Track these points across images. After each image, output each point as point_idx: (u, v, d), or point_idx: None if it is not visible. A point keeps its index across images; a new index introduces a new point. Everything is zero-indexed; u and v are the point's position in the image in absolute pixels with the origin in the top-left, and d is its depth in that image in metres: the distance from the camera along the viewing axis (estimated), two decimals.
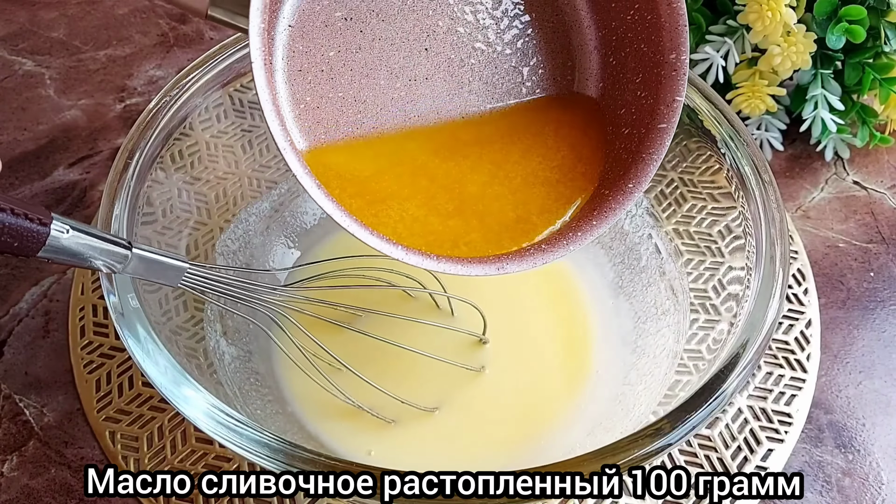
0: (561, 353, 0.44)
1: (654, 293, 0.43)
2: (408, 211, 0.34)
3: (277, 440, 0.29)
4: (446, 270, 0.33)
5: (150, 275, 0.32)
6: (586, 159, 0.37)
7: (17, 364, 0.44)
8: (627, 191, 0.35)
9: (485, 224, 0.35)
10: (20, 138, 0.56)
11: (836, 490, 0.41)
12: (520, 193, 0.36)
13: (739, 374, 0.32)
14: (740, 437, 0.41)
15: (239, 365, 0.40)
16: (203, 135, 0.42)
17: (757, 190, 0.37)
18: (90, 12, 0.65)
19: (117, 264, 0.30)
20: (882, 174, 0.55)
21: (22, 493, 0.40)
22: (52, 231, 0.27)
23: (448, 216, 0.35)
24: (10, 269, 0.48)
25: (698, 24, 0.52)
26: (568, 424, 0.41)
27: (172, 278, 0.33)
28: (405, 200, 0.34)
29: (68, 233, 0.28)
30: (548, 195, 0.36)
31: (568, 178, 0.36)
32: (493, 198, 0.36)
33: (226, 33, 0.63)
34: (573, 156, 0.37)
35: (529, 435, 0.41)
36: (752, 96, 0.51)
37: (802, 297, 0.47)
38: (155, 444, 0.41)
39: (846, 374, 0.45)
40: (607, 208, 0.35)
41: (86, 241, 0.29)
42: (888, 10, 0.49)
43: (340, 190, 0.33)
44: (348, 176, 0.34)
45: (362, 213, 0.33)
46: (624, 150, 0.36)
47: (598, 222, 0.35)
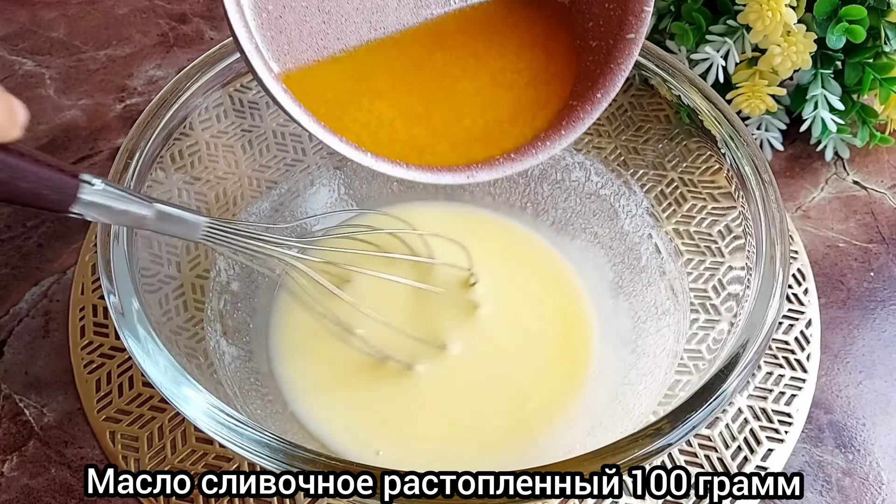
0: (561, 353, 0.44)
1: (654, 293, 0.43)
2: (375, 115, 0.34)
3: (277, 440, 0.29)
4: (416, 178, 0.33)
5: (171, 229, 0.33)
6: (557, 60, 0.37)
7: (17, 364, 0.44)
8: (596, 101, 0.35)
9: (452, 133, 0.35)
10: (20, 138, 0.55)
11: (836, 490, 0.41)
12: (489, 95, 0.36)
13: (739, 373, 0.32)
14: (740, 437, 0.41)
15: (239, 365, 0.40)
16: (203, 135, 0.42)
17: (757, 190, 0.37)
18: (90, 12, 0.65)
19: (141, 219, 0.32)
20: (882, 174, 0.55)
21: (22, 493, 0.40)
22: (82, 184, 0.28)
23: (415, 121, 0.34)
24: (10, 269, 0.48)
25: (698, 24, 0.52)
26: (567, 424, 0.41)
27: (192, 232, 0.34)
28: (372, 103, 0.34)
29: (97, 186, 0.29)
30: (518, 100, 0.36)
31: (539, 80, 0.36)
32: (463, 98, 0.35)
33: (226, 33, 0.63)
34: (545, 55, 0.36)
35: (529, 435, 0.41)
36: (752, 96, 0.51)
37: (802, 297, 0.47)
38: (155, 444, 0.41)
39: (846, 374, 0.45)
40: (576, 118, 0.35)
41: (112, 192, 0.30)
42: (888, 10, 0.49)
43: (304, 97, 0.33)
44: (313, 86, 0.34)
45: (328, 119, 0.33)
46: (592, 62, 0.36)
47: (567, 132, 0.35)
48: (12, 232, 0.50)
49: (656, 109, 0.43)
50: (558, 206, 0.49)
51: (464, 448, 0.41)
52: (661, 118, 0.43)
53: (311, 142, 0.48)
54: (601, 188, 0.47)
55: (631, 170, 0.45)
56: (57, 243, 0.50)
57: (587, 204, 0.48)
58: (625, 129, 0.45)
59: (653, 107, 0.43)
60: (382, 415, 0.41)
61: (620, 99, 0.45)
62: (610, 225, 0.47)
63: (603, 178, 0.47)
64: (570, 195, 0.48)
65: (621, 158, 0.46)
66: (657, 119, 0.44)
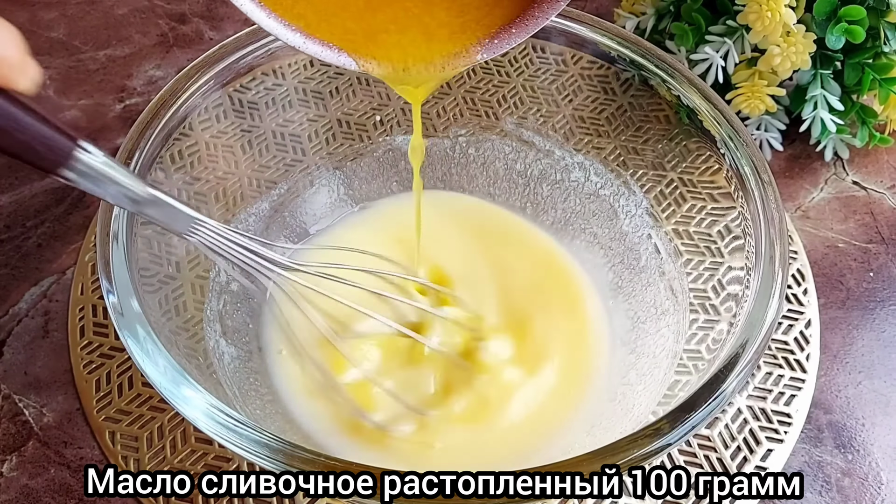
0: (560, 354, 0.44)
1: (653, 293, 0.43)
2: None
3: (277, 440, 0.29)
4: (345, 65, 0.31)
5: (160, 217, 0.33)
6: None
7: (17, 364, 0.44)
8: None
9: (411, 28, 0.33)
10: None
11: (836, 490, 0.41)
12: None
13: (739, 374, 0.32)
14: (740, 438, 0.41)
15: (239, 365, 0.40)
16: (203, 135, 0.42)
17: (756, 190, 0.37)
18: (90, 12, 0.65)
19: (131, 200, 0.31)
20: (882, 174, 0.55)
21: (21, 494, 0.40)
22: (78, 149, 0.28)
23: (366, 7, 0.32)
24: (10, 269, 0.48)
25: (698, 25, 0.52)
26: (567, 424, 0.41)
27: (181, 226, 0.33)
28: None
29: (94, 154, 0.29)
30: None
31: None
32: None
33: (226, 33, 0.63)
34: None
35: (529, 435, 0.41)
36: (752, 96, 0.51)
37: (802, 297, 0.47)
38: (155, 444, 0.41)
39: (846, 374, 0.45)
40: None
41: (106, 162, 0.29)
42: (888, 10, 0.49)
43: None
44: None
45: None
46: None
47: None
48: (12, 232, 0.50)
49: (656, 110, 0.43)
50: (557, 207, 0.49)
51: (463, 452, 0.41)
52: (660, 118, 0.43)
53: (310, 142, 0.48)
54: (601, 188, 0.47)
55: (630, 170, 0.46)
56: (56, 243, 0.50)
57: (586, 204, 0.48)
58: (624, 130, 0.46)
59: (652, 107, 0.43)
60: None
61: (620, 99, 0.45)
62: (609, 225, 0.47)
63: (602, 178, 0.47)
64: (569, 195, 0.48)
65: (621, 159, 0.46)
66: (657, 119, 0.44)
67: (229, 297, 0.43)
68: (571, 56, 0.45)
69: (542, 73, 0.48)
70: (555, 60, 0.47)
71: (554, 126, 0.48)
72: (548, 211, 0.49)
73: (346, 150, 0.49)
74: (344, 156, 0.49)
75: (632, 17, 0.57)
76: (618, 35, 0.42)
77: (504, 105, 0.49)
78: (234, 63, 0.41)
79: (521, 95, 0.49)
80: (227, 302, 0.43)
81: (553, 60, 0.47)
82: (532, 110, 0.49)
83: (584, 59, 0.44)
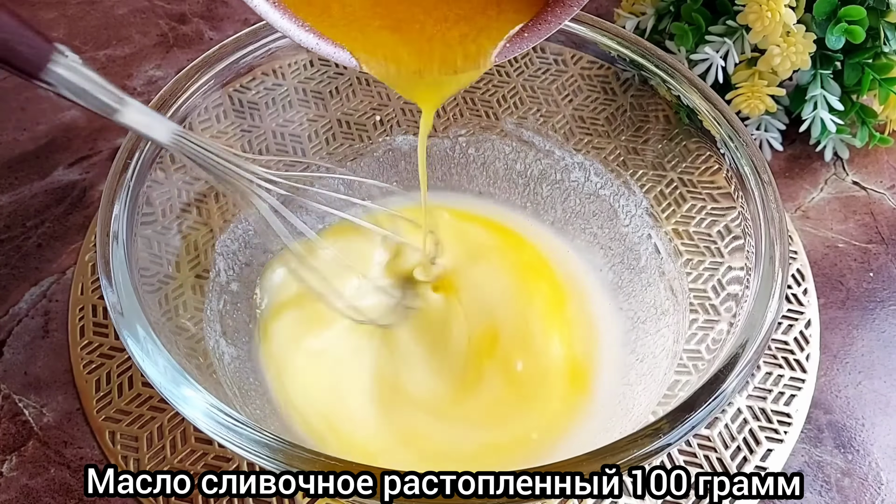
0: (560, 354, 0.44)
1: (653, 293, 0.43)
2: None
3: (277, 440, 0.29)
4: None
5: (141, 123, 0.33)
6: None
7: (17, 364, 0.44)
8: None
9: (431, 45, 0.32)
10: (20, 138, 0.55)
11: (836, 490, 0.41)
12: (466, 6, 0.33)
13: (739, 374, 0.32)
14: (740, 438, 0.41)
15: (238, 365, 0.40)
16: (203, 135, 0.42)
17: (756, 190, 0.37)
18: (90, 12, 0.65)
19: (111, 109, 0.31)
20: (881, 174, 0.55)
21: (21, 493, 0.40)
22: (56, 53, 0.29)
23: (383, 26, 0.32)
24: (10, 269, 0.48)
25: (698, 25, 0.52)
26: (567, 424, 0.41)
27: (163, 135, 0.34)
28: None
29: (71, 58, 0.29)
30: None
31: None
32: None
33: (225, 33, 0.63)
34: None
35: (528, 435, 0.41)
36: (752, 96, 0.51)
37: (802, 297, 0.47)
38: (155, 444, 0.41)
39: (846, 375, 0.45)
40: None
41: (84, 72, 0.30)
42: (888, 10, 0.49)
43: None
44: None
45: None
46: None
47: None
48: (12, 232, 0.50)
49: (656, 110, 0.43)
50: (557, 207, 0.49)
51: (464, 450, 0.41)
52: (660, 118, 0.43)
53: (310, 142, 0.48)
54: (601, 188, 0.47)
55: (630, 170, 0.46)
56: (56, 243, 0.50)
57: (586, 204, 0.48)
58: (624, 130, 0.46)
59: (652, 107, 0.43)
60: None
61: (620, 99, 0.45)
62: (609, 225, 0.47)
63: (602, 178, 0.47)
64: (569, 195, 0.48)
65: (621, 159, 0.46)
66: (657, 119, 0.44)
67: (229, 297, 0.43)
68: (571, 56, 0.45)
69: (542, 73, 0.48)
70: (555, 60, 0.47)
71: (554, 126, 0.48)
72: (548, 211, 0.49)
73: (346, 150, 0.49)
74: (344, 156, 0.49)
75: (632, 17, 0.57)
76: (618, 35, 0.42)
77: (504, 105, 0.49)
78: (234, 63, 0.41)
79: (521, 95, 0.49)
80: (227, 302, 0.43)
81: (553, 60, 0.47)
82: (532, 110, 0.49)
83: (584, 59, 0.44)
